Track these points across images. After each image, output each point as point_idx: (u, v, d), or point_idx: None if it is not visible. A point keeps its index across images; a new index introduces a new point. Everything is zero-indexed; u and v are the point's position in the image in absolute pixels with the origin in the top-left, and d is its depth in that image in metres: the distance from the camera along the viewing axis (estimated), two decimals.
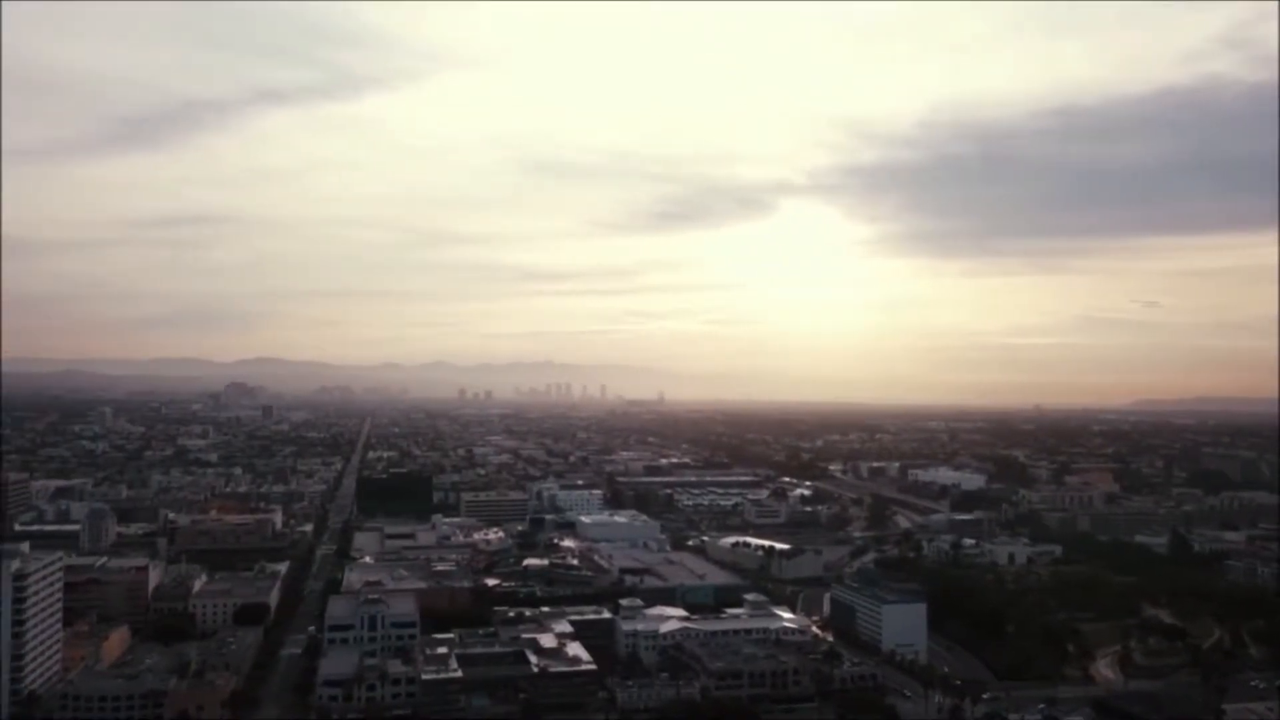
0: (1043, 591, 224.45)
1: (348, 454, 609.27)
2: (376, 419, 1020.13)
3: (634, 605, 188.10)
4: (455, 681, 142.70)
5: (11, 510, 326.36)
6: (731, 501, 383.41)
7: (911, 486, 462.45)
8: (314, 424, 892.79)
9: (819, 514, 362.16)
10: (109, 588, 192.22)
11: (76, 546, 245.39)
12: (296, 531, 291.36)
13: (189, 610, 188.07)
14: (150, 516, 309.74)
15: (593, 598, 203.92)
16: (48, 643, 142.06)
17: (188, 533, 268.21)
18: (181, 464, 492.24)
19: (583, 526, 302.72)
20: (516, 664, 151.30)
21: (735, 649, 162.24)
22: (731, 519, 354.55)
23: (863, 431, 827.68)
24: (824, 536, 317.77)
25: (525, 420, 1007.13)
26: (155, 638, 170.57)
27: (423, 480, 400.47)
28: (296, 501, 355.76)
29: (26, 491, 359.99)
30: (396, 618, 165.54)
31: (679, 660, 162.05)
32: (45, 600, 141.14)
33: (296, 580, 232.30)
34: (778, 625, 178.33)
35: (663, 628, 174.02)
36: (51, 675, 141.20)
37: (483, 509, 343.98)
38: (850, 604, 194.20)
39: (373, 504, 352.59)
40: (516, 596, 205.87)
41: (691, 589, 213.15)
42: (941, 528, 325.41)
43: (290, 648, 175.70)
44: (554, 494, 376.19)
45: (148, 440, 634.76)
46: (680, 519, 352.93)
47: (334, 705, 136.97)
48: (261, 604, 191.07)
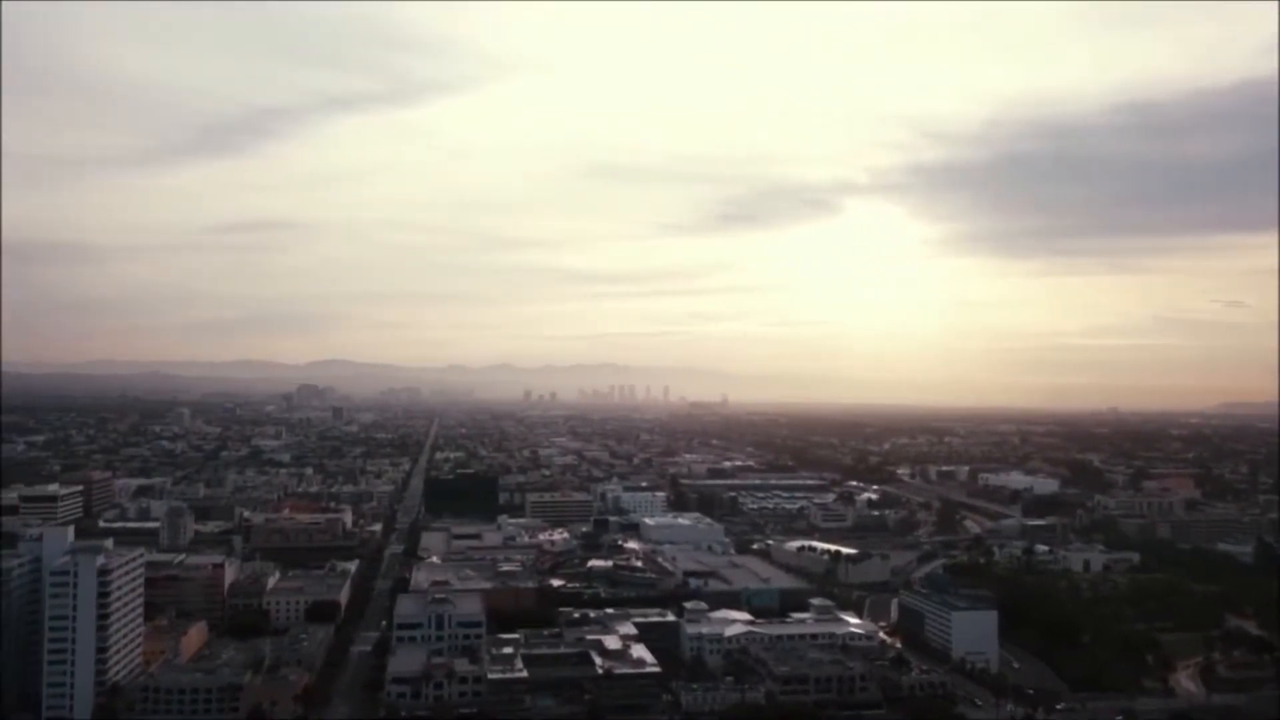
0: (1120, 600, 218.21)
1: (415, 455, 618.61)
2: (443, 420, 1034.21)
3: (698, 608, 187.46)
4: (521, 681, 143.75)
5: (96, 507, 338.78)
6: (796, 505, 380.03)
7: (982, 491, 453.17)
8: (382, 425, 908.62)
9: (886, 518, 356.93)
10: (187, 584, 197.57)
11: (156, 543, 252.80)
12: (366, 531, 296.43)
13: (263, 607, 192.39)
14: (226, 515, 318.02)
15: (657, 600, 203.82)
16: (130, 636, 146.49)
17: (262, 531, 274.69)
18: (256, 464, 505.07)
19: (646, 529, 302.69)
20: (581, 665, 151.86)
21: (801, 654, 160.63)
22: (797, 523, 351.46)
23: (931, 434, 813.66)
24: (891, 541, 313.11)
25: (589, 422, 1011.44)
26: (231, 633, 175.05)
27: (488, 481, 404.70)
28: (366, 501, 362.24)
29: (110, 490, 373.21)
30: (463, 617, 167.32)
31: (744, 664, 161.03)
32: (127, 595, 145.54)
33: (366, 579, 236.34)
34: (844, 630, 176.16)
35: (727, 631, 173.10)
36: (133, 668, 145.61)
37: (547, 510, 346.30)
38: (919, 610, 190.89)
39: (440, 504, 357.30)
40: (581, 598, 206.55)
41: (756, 593, 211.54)
42: (1013, 533, 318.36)
43: (360, 645, 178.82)
44: (618, 496, 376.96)
45: (223, 441, 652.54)
46: (744, 522, 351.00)
47: (402, 702, 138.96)
48: (332, 602, 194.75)
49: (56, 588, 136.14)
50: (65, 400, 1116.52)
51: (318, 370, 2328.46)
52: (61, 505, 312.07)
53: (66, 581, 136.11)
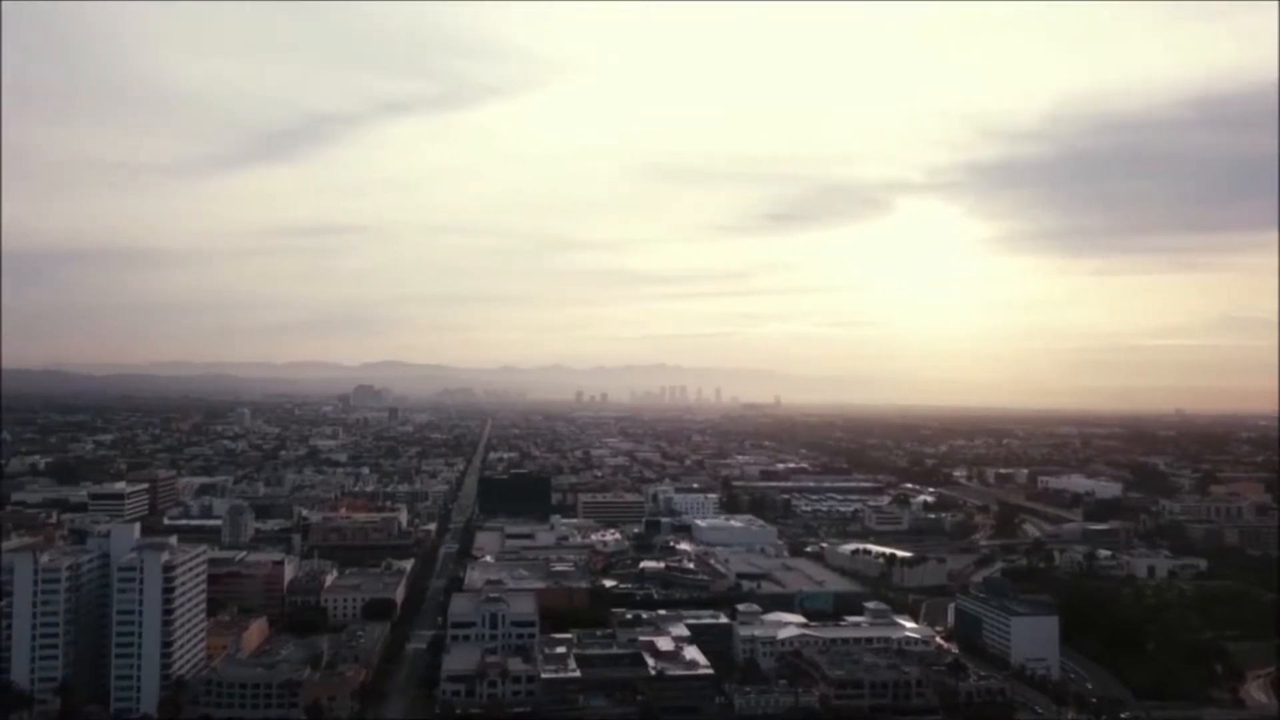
0: (1186, 607, 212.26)
1: (469, 455, 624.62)
2: (497, 420, 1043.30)
3: (751, 610, 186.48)
4: (574, 681, 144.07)
5: (161, 505, 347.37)
6: (851, 508, 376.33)
7: (1042, 494, 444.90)
8: (437, 425, 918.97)
9: (943, 521, 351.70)
10: (248, 580, 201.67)
11: (219, 541, 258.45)
12: (421, 530, 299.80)
13: (321, 604, 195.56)
14: (285, 513, 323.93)
15: (709, 602, 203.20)
16: (193, 631, 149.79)
17: (319, 529, 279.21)
18: (314, 463, 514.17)
19: (699, 530, 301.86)
20: (634, 666, 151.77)
21: (855, 657, 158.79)
22: (851, 525, 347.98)
23: (989, 436, 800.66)
24: (948, 545, 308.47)
25: (640, 423, 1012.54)
26: (290, 629, 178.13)
27: (541, 481, 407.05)
28: (421, 501, 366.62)
29: (174, 488, 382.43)
30: (517, 616, 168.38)
31: (798, 667, 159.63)
32: (191, 591, 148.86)
33: (421, 577, 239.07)
34: (900, 635, 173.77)
35: (781, 634, 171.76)
36: (197, 662, 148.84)
37: (600, 510, 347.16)
38: (977, 615, 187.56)
39: (493, 504, 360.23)
40: (633, 599, 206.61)
41: (810, 595, 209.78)
42: (1074, 538, 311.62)
43: (415, 643, 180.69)
44: (670, 497, 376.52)
45: (282, 440, 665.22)
46: (798, 525, 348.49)
47: (457, 700, 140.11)
48: (388, 600, 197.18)
49: (124, 583, 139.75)
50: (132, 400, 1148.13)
51: (374, 371, 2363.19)
52: (128, 503, 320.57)
53: (133, 577, 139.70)
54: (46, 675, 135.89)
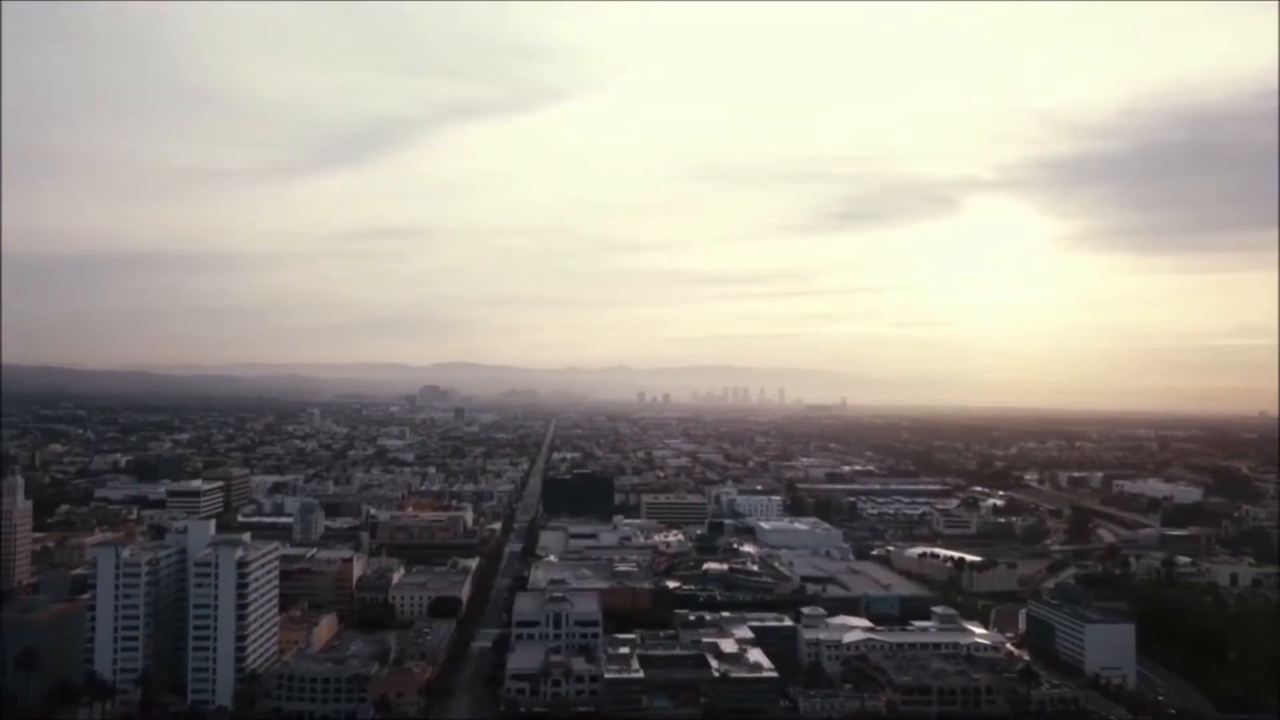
0: (1271, 616, 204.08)
1: (533, 455, 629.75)
2: (560, 421, 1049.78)
3: (816, 614, 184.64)
4: (637, 682, 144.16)
5: (235, 502, 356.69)
6: (918, 511, 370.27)
7: (1117, 498, 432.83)
8: (502, 425, 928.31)
9: (1013, 525, 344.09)
10: (319, 577, 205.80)
11: (290, 538, 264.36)
12: (486, 529, 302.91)
13: (389, 601, 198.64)
14: (354, 511, 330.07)
15: (773, 604, 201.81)
16: (266, 626, 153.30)
17: (387, 527, 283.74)
18: (381, 463, 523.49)
19: (762, 532, 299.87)
20: (697, 667, 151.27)
21: (923, 663, 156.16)
22: (918, 529, 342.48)
23: (1061, 439, 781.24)
24: (1019, 549, 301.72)
25: (703, 424, 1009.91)
26: (358, 625, 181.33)
27: (604, 482, 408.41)
28: (486, 500, 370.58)
29: (247, 486, 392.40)
30: (580, 616, 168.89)
31: (863, 672, 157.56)
32: (264, 586, 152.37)
33: (486, 576, 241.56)
34: (969, 641, 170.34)
35: (846, 638, 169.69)
36: (269, 656, 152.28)
37: (662, 511, 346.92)
38: (1049, 622, 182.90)
39: (557, 504, 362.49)
40: (697, 600, 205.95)
41: (876, 599, 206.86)
42: (1152, 543, 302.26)
43: (480, 641, 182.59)
44: (733, 499, 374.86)
45: (351, 440, 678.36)
46: (864, 528, 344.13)
47: (521, 699, 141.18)
48: (454, 598, 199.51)
49: (200, 578, 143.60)
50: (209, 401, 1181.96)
51: (441, 372, 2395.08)
52: (204, 500, 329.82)
53: (209, 572, 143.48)
54: (127, 666, 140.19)
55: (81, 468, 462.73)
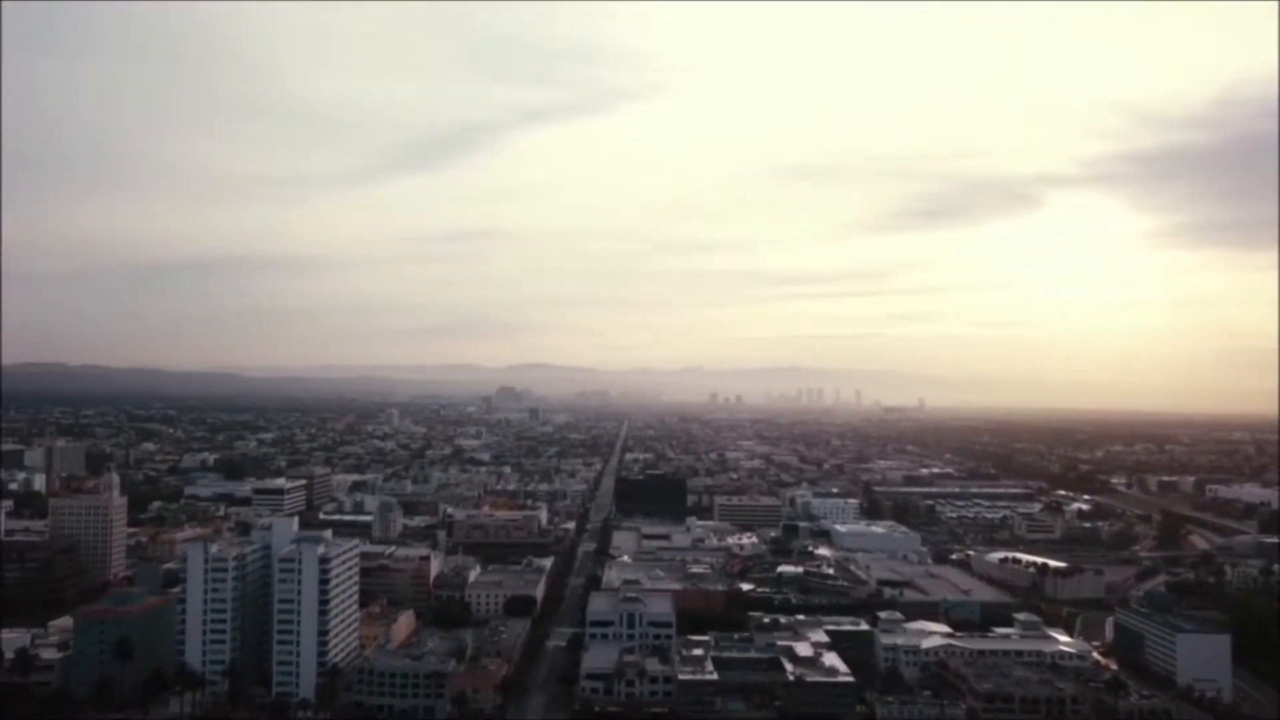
0: None
1: (606, 455, 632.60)
2: (632, 422, 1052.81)
3: (893, 618, 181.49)
4: (711, 684, 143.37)
5: (317, 500, 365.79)
6: (999, 515, 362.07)
7: (1210, 504, 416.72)
8: (575, 426, 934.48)
9: (1099, 531, 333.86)
10: (397, 574, 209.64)
11: (369, 535, 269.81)
12: (560, 528, 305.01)
13: (465, 599, 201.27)
14: (431, 510, 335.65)
15: (849, 608, 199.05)
16: (347, 621, 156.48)
17: (463, 526, 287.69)
18: (458, 462, 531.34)
19: (838, 535, 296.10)
20: (772, 670, 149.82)
21: (1005, 670, 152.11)
22: (999, 533, 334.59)
23: (1150, 442, 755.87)
24: (1105, 555, 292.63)
25: (777, 426, 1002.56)
26: (436, 623, 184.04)
27: (677, 483, 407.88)
28: (560, 500, 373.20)
29: (329, 484, 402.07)
30: (654, 617, 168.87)
31: (943, 678, 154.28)
32: (345, 583, 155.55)
33: (560, 575, 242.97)
34: (1053, 648, 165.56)
35: (925, 643, 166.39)
36: (350, 651, 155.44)
37: (736, 513, 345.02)
38: (1138, 631, 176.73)
39: (630, 504, 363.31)
40: (771, 603, 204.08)
41: (956, 605, 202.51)
42: (1248, 551, 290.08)
43: (555, 640, 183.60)
44: (808, 501, 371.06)
45: (429, 440, 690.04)
46: (942, 531, 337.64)
47: (595, 698, 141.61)
48: (529, 596, 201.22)
49: (284, 574, 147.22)
50: (292, 401, 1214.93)
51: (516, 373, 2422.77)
52: (288, 498, 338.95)
53: (292, 568, 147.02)
54: (215, 658, 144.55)
55: (172, 466, 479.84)
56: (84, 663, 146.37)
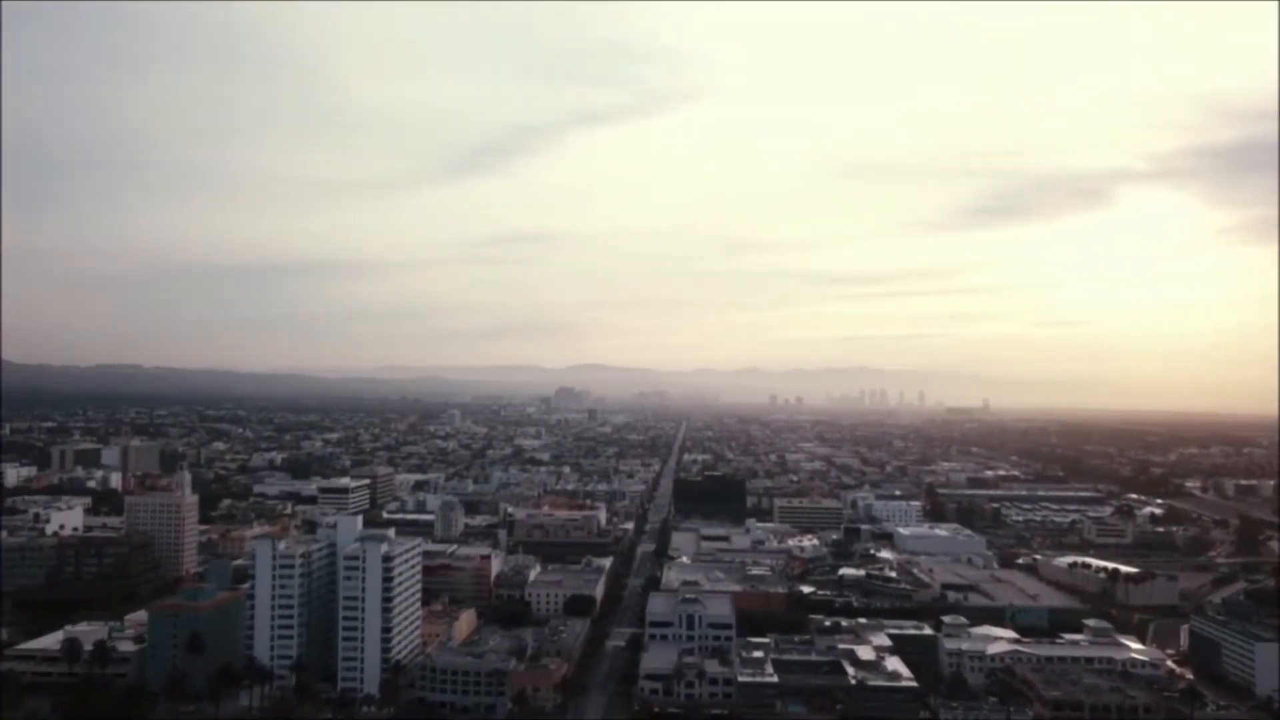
0: None
1: (664, 456, 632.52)
2: (691, 423, 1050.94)
3: (958, 623, 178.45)
4: (771, 686, 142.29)
5: (380, 499, 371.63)
6: (1068, 518, 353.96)
7: None
8: (634, 427, 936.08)
9: (1173, 535, 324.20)
10: (459, 573, 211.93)
11: (431, 534, 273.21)
12: (619, 528, 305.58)
13: (525, 598, 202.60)
14: (492, 509, 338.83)
15: (912, 612, 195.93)
16: (410, 619, 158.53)
17: (524, 525, 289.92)
18: (518, 462, 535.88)
19: (900, 538, 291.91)
20: (833, 674, 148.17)
21: (1074, 678, 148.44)
22: (1068, 537, 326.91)
23: (1227, 445, 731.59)
24: (1179, 561, 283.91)
25: (838, 427, 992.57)
26: (497, 621, 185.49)
27: (737, 484, 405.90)
28: (618, 500, 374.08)
29: (392, 483, 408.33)
30: (714, 618, 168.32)
31: (1009, 685, 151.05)
32: (408, 581, 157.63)
33: (619, 575, 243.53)
34: (1124, 656, 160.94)
35: (990, 649, 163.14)
36: (413, 648, 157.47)
37: (796, 515, 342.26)
38: (1214, 639, 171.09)
39: (688, 505, 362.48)
40: (832, 606, 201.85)
41: (1023, 610, 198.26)
42: None
43: (614, 640, 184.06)
44: (870, 503, 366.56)
45: (489, 440, 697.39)
46: (1009, 535, 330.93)
47: (655, 698, 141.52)
48: (589, 596, 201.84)
49: (348, 571, 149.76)
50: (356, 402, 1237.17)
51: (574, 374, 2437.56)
52: (352, 497, 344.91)
53: (357, 566, 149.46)
54: (283, 653, 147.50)
55: (241, 465, 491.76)
56: (158, 656, 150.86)
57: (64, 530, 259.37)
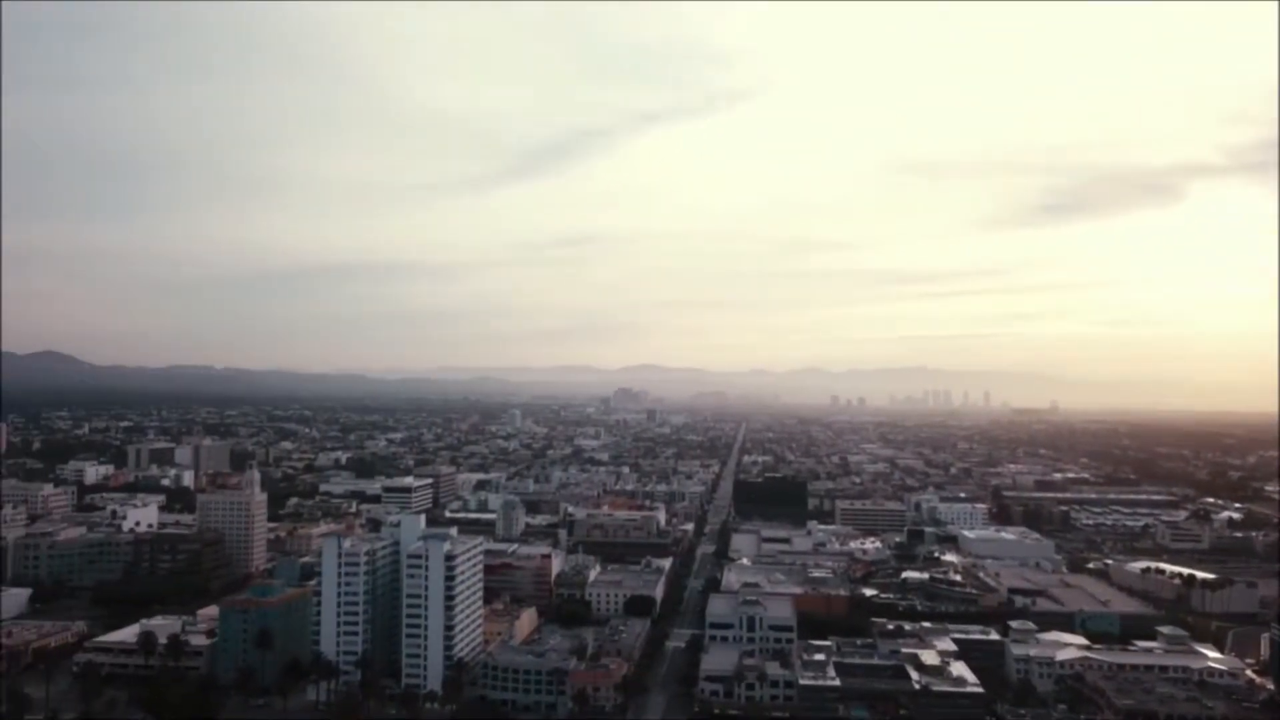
0: None
1: (724, 457, 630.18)
2: (750, 424, 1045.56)
3: (1025, 628, 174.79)
4: (833, 690, 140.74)
5: (443, 498, 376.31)
6: (1140, 522, 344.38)
7: None
8: (692, 427, 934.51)
9: (1252, 541, 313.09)
10: (520, 572, 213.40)
11: (493, 533, 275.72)
12: (678, 529, 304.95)
13: (585, 598, 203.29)
14: (552, 509, 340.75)
15: (977, 617, 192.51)
16: (472, 617, 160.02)
17: (584, 525, 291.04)
18: (578, 462, 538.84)
19: (965, 541, 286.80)
20: (896, 678, 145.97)
21: (1148, 686, 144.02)
22: (1140, 542, 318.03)
23: None
24: (1259, 567, 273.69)
25: (901, 428, 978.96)
26: (557, 620, 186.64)
27: (798, 486, 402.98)
28: (678, 501, 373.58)
29: (454, 483, 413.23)
30: (774, 620, 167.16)
31: (1079, 692, 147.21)
32: (470, 579, 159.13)
33: (678, 576, 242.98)
34: (1201, 665, 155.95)
35: (1059, 655, 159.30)
36: (474, 646, 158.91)
37: (858, 518, 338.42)
38: None
39: (748, 507, 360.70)
40: (895, 609, 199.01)
41: (1093, 616, 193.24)
42: None
43: (674, 641, 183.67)
44: (934, 506, 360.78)
45: (549, 440, 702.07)
46: (1078, 539, 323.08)
47: (715, 700, 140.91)
48: (649, 597, 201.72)
49: (412, 569, 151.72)
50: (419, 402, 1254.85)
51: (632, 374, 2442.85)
52: (415, 495, 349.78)
53: (420, 564, 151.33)
54: (348, 649, 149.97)
55: (308, 464, 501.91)
56: (229, 650, 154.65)
57: (140, 527, 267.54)
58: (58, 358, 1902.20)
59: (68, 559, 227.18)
